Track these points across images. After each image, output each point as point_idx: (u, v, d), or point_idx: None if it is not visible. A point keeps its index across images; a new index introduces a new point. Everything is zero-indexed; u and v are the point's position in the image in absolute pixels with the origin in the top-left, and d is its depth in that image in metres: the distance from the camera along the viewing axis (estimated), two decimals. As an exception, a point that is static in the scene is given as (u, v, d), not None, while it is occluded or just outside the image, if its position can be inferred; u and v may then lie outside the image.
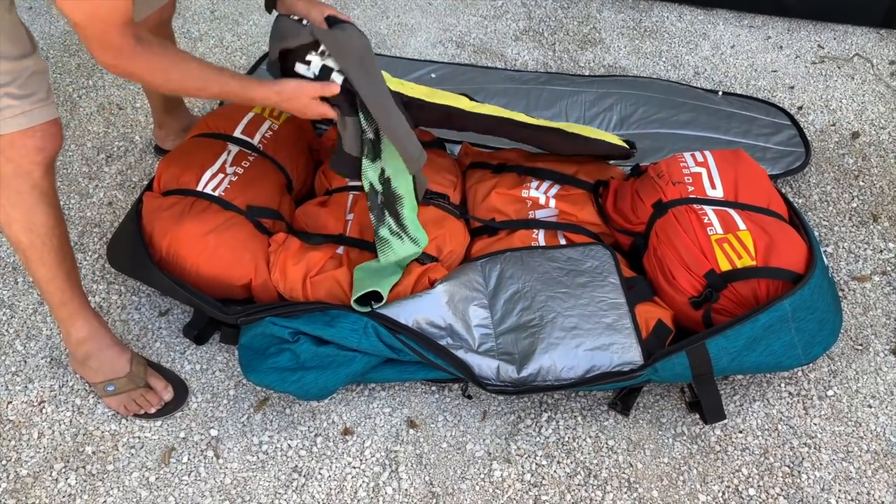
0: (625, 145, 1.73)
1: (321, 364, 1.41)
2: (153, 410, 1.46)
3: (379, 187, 1.49)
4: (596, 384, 1.39)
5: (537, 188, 1.74)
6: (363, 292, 1.43)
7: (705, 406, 1.43)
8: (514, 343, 1.44)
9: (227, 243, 1.52)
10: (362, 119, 1.40)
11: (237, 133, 1.75)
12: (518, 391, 1.40)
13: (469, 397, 1.51)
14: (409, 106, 1.51)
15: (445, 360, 1.40)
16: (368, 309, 1.44)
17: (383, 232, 1.51)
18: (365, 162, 1.46)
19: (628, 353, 1.40)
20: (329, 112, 1.37)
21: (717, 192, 1.59)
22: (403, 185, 1.52)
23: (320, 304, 1.46)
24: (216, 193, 1.60)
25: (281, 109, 1.36)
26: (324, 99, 1.35)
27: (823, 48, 2.44)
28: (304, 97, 1.34)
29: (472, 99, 1.70)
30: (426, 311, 1.46)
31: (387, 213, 1.51)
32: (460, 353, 1.42)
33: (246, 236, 1.56)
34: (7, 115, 1.22)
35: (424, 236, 1.55)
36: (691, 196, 1.58)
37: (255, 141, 1.75)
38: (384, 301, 1.45)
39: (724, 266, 1.46)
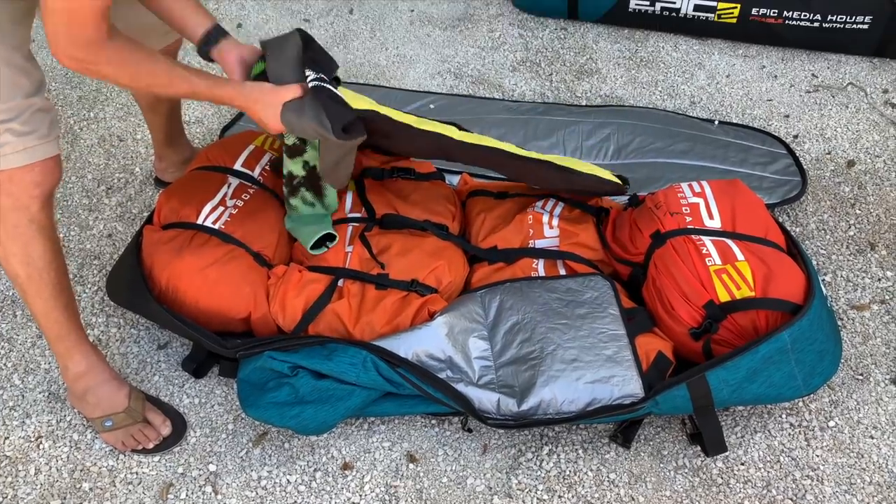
0: (617, 181, 1.71)
1: (320, 398, 1.40)
2: (151, 446, 1.45)
3: (301, 173, 1.58)
4: (597, 417, 1.39)
5: (542, 206, 1.75)
6: (316, 238, 1.58)
7: (706, 438, 1.42)
8: (515, 375, 1.44)
9: (227, 277, 1.52)
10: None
11: (237, 166, 1.76)
12: (518, 425, 1.39)
13: (469, 430, 1.50)
14: (398, 129, 1.52)
15: (445, 393, 1.39)
16: (325, 250, 1.61)
17: (295, 202, 1.63)
18: (284, 158, 1.56)
19: (629, 385, 1.40)
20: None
21: (715, 223, 1.59)
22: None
23: (319, 338, 1.46)
24: (216, 226, 1.60)
25: (247, 113, 1.38)
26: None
27: (817, 77, 2.46)
28: (267, 102, 1.35)
29: (461, 129, 1.70)
30: (426, 343, 1.46)
31: (303, 189, 1.61)
32: (460, 387, 1.41)
33: (246, 269, 1.56)
34: (7, 151, 1.23)
35: (335, 200, 1.68)
36: (689, 227, 1.59)
37: (256, 173, 1.76)
38: (337, 239, 1.62)
39: (723, 297, 1.46)
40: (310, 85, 1.34)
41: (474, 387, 1.43)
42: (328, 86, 1.36)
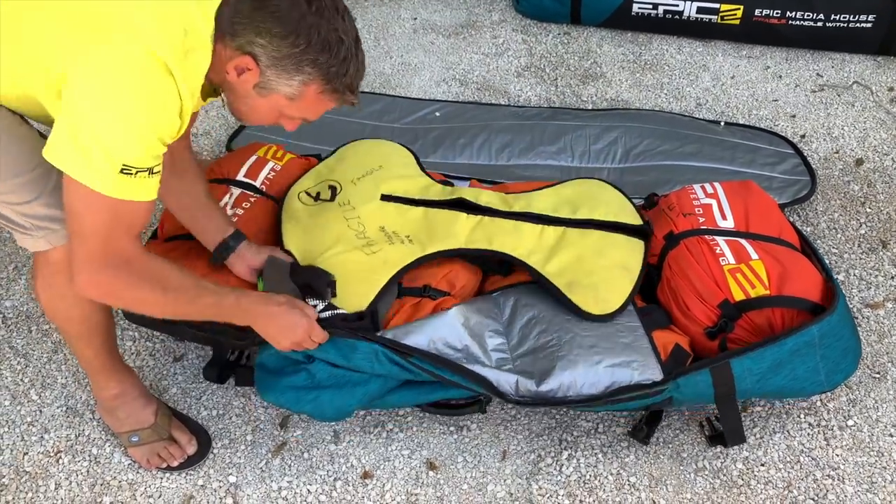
0: (640, 222, 1.63)
1: (337, 383, 1.40)
2: (175, 464, 1.45)
3: None
4: (618, 400, 1.37)
5: None
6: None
7: (726, 428, 1.43)
8: (533, 363, 1.41)
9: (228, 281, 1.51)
10: None
11: (240, 176, 1.75)
12: (538, 403, 1.37)
13: (483, 412, 1.48)
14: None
15: (464, 376, 1.37)
16: None
17: None
18: None
19: (648, 370, 1.38)
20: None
21: (728, 223, 1.59)
22: None
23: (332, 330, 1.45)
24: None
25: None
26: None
27: (822, 76, 2.47)
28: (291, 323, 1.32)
29: (468, 205, 1.63)
30: (442, 331, 1.44)
31: None
32: (477, 368, 1.39)
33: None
34: (52, 228, 1.20)
35: None
36: (702, 227, 1.59)
37: (258, 183, 1.75)
38: None
39: (738, 296, 1.46)
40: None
41: (491, 369, 1.40)
42: (336, 311, 1.40)
